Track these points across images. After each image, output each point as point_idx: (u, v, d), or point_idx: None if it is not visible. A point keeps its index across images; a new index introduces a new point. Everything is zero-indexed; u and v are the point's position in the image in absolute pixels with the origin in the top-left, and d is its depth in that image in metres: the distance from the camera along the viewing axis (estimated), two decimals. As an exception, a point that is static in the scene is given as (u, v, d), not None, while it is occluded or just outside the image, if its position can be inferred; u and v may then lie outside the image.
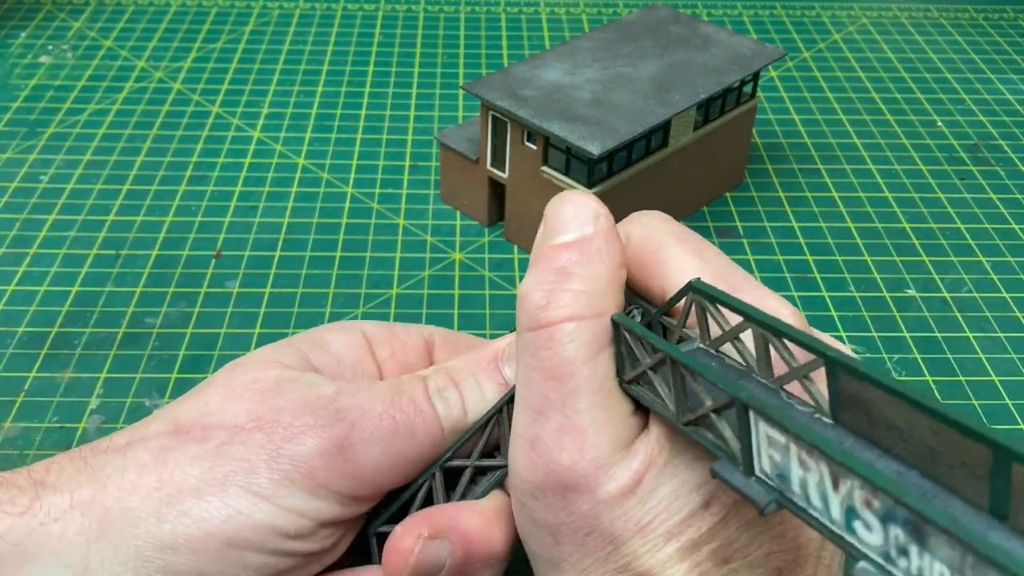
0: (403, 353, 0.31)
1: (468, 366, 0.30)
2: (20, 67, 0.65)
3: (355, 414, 0.27)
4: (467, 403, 0.29)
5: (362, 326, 0.32)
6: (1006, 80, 0.69)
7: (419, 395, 0.28)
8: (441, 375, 0.29)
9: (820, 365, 0.19)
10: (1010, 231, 0.54)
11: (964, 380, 0.44)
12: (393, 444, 0.27)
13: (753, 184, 0.56)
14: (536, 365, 0.25)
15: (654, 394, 0.23)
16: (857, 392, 0.18)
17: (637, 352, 0.24)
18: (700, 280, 0.23)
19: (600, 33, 0.52)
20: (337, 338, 0.31)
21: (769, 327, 0.20)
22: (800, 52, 0.71)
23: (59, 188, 0.54)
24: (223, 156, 0.57)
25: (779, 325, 0.20)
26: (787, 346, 0.20)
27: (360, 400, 0.27)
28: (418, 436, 0.28)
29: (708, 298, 0.22)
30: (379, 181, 0.55)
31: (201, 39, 0.70)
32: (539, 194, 0.47)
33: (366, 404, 0.27)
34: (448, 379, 0.29)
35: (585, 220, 0.25)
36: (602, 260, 0.25)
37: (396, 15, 0.74)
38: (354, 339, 0.31)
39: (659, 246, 0.27)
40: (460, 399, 0.29)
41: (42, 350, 0.44)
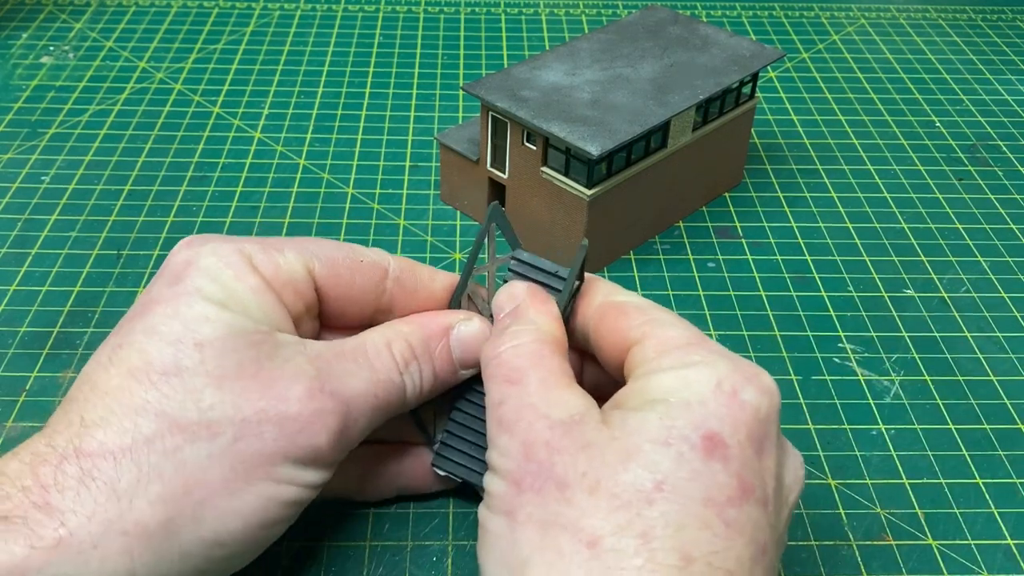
0: (357, 285, 0.34)
1: (425, 339, 0.33)
2: (21, 68, 0.66)
3: (347, 395, 0.30)
4: (424, 381, 0.33)
5: (312, 258, 0.33)
6: (1004, 81, 0.69)
7: (393, 373, 0.32)
8: (403, 345, 0.32)
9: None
10: (1008, 231, 0.54)
11: (963, 380, 0.44)
12: (375, 416, 0.31)
13: (752, 184, 0.56)
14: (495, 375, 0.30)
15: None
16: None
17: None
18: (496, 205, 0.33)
19: (600, 34, 0.52)
20: (284, 264, 0.32)
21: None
22: (799, 53, 0.71)
23: (61, 188, 0.54)
24: (224, 156, 0.57)
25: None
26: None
27: (343, 375, 0.30)
28: (392, 407, 0.32)
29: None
30: (379, 181, 0.56)
31: (202, 40, 0.70)
32: (539, 194, 0.47)
33: (351, 381, 0.30)
34: (411, 352, 0.32)
35: (514, 295, 0.32)
36: (530, 309, 0.32)
37: (396, 16, 0.74)
38: (297, 271, 0.32)
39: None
40: (420, 376, 0.33)
41: (44, 350, 0.44)
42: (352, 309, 0.34)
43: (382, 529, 0.36)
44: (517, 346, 0.30)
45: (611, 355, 0.31)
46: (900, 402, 0.43)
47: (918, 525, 0.38)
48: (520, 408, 0.28)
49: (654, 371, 0.28)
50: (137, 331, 0.29)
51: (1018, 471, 0.40)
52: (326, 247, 0.33)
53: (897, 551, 0.37)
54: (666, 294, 0.48)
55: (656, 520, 0.25)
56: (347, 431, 0.30)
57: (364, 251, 0.34)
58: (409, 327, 0.33)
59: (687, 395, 0.27)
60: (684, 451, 0.26)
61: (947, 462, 0.40)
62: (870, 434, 0.41)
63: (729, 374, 0.27)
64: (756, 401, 0.27)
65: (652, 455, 0.26)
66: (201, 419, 0.28)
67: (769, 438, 0.27)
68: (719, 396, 0.27)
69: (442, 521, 0.37)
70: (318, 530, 0.36)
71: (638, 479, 0.26)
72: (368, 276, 0.34)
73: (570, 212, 0.46)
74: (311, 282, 0.32)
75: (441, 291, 0.35)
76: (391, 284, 0.34)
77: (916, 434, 0.41)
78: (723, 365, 0.28)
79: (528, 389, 0.29)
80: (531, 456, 0.27)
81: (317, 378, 0.30)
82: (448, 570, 0.35)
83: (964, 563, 0.36)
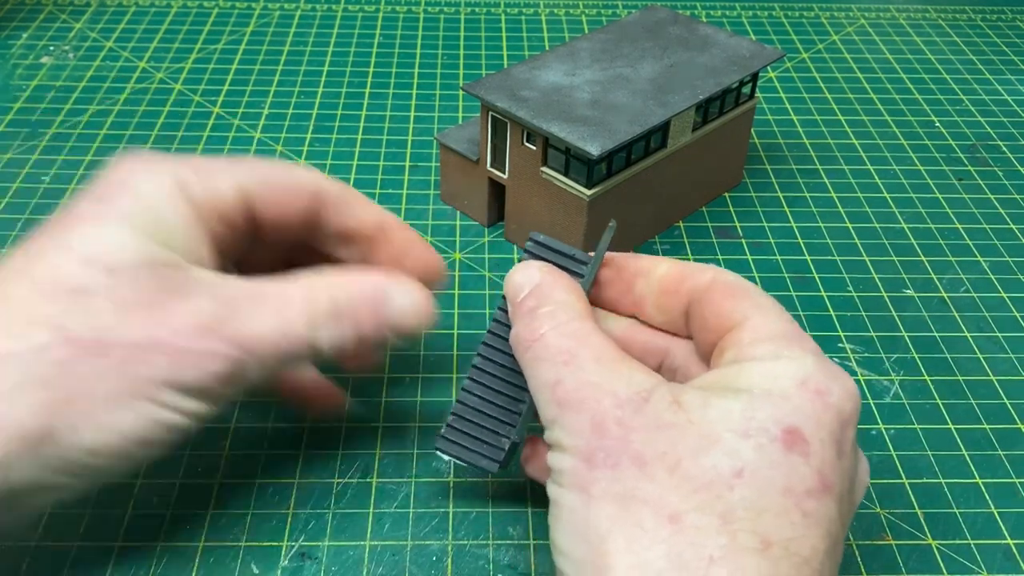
0: (287, 209, 0.34)
1: (353, 301, 0.32)
2: (21, 68, 0.66)
3: (243, 339, 0.30)
4: (344, 340, 0.32)
5: (246, 181, 0.33)
6: (1004, 81, 0.69)
7: (303, 328, 0.31)
8: (325, 302, 0.32)
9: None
10: (1008, 231, 0.54)
11: (962, 380, 0.44)
12: (272, 365, 0.31)
13: (752, 185, 0.56)
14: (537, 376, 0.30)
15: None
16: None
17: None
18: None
19: (599, 34, 0.52)
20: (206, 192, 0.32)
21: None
22: (799, 53, 0.71)
23: (61, 188, 0.54)
24: (224, 156, 0.57)
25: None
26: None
27: (248, 320, 0.30)
28: (297, 356, 0.32)
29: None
30: (379, 181, 0.56)
31: (202, 40, 0.70)
32: (539, 194, 0.47)
33: (255, 329, 0.30)
34: (332, 308, 0.32)
35: (531, 275, 0.32)
36: (555, 288, 0.31)
37: (396, 16, 0.74)
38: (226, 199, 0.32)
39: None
40: (340, 335, 0.32)
41: (44, 350, 0.44)
42: (280, 228, 0.34)
43: (382, 529, 0.36)
44: (558, 326, 0.30)
45: (708, 336, 0.31)
46: (900, 402, 0.43)
47: (918, 525, 0.38)
48: (580, 387, 0.28)
49: (744, 359, 0.29)
50: (53, 245, 0.30)
51: (1018, 471, 0.40)
52: (261, 167, 0.34)
53: (897, 551, 0.37)
54: (666, 294, 0.48)
55: (737, 503, 0.25)
56: (238, 373, 0.30)
57: (298, 169, 0.35)
58: (338, 282, 0.33)
59: (771, 388, 0.27)
60: (764, 443, 0.26)
61: (947, 462, 0.40)
62: (870, 434, 0.41)
63: (816, 373, 0.28)
64: (840, 403, 0.28)
65: (732, 443, 0.26)
66: (94, 337, 0.28)
67: (848, 440, 0.28)
68: (804, 393, 0.27)
69: (442, 521, 0.37)
70: (318, 530, 0.36)
71: (719, 464, 0.26)
72: (299, 195, 0.34)
73: (570, 212, 0.46)
74: (242, 208, 0.33)
75: (369, 221, 0.35)
76: (320, 204, 0.34)
77: (916, 434, 0.41)
78: (812, 363, 0.28)
79: (585, 367, 0.29)
80: (603, 432, 0.27)
81: (216, 318, 0.30)
82: (448, 570, 0.35)
83: (964, 563, 0.36)
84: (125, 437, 0.29)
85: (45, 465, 0.28)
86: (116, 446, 0.29)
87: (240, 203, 0.33)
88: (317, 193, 0.34)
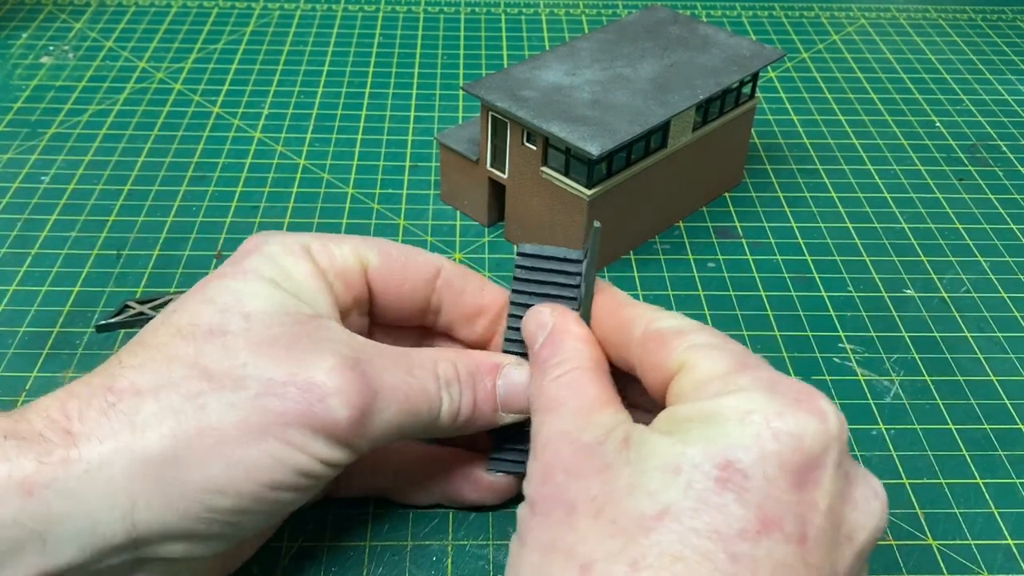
0: (409, 280, 0.34)
1: (472, 368, 0.33)
2: (21, 68, 0.66)
3: (377, 383, 0.30)
4: (462, 406, 0.32)
5: (367, 252, 0.34)
6: (1004, 81, 0.69)
7: (431, 383, 0.32)
8: (449, 366, 0.32)
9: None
10: (1008, 231, 0.54)
11: (962, 380, 0.44)
12: (401, 417, 0.31)
13: (752, 184, 0.56)
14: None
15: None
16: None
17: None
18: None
19: (599, 34, 0.52)
20: (339, 260, 0.33)
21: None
22: (799, 53, 0.71)
23: (60, 188, 0.54)
24: (224, 156, 0.57)
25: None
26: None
27: (379, 368, 0.30)
28: (421, 416, 0.31)
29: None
30: (379, 181, 0.56)
31: (202, 40, 0.70)
32: (539, 194, 0.47)
33: (385, 375, 0.30)
34: (454, 372, 0.32)
35: (543, 322, 0.32)
36: (565, 336, 0.31)
37: (396, 16, 0.74)
38: (352, 272, 0.33)
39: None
40: (460, 398, 0.32)
41: (43, 350, 0.44)
42: (402, 305, 0.35)
43: (382, 529, 0.36)
44: (558, 377, 0.30)
45: (656, 389, 0.30)
46: (900, 402, 0.43)
47: (918, 525, 0.38)
48: (552, 435, 0.28)
49: (687, 400, 0.27)
50: (192, 299, 0.31)
51: (1018, 471, 0.40)
52: (383, 243, 0.35)
53: (897, 551, 0.37)
54: (666, 294, 0.48)
55: (649, 549, 0.24)
56: (369, 416, 0.30)
57: (419, 251, 0.35)
58: (459, 355, 0.33)
59: (710, 423, 0.26)
60: (695, 479, 0.25)
61: (947, 462, 0.40)
62: (870, 434, 0.41)
63: (765, 401, 0.26)
64: (797, 429, 0.25)
65: (659, 482, 0.25)
66: (231, 373, 0.29)
67: (819, 468, 0.25)
68: (747, 425, 0.25)
69: (442, 521, 0.37)
70: (318, 530, 0.36)
71: (640, 505, 0.25)
72: (419, 272, 0.34)
73: (570, 212, 0.46)
74: (363, 275, 0.34)
75: (490, 302, 0.35)
76: (441, 284, 0.35)
77: (916, 434, 0.41)
78: (761, 392, 0.26)
79: (564, 415, 0.29)
80: (548, 480, 0.27)
81: (351, 358, 0.30)
82: (448, 570, 0.35)
83: (964, 563, 0.36)
84: (251, 476, 0.28)
85: (171, 504, 0.27)
86: (241, 485, 0.28)
87: (360, 270, 0.33)
88: (438, 270, 0.35)
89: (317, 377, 0.29)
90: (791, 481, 0.25)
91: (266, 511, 0.29)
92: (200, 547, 0.29)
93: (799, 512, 0.25)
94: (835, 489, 0.26)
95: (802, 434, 0.25)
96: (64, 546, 0.27)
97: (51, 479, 0.26)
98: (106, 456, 0.27)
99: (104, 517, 0.27)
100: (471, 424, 0.33)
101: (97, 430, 0.27)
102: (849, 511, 0.26)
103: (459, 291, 0.35)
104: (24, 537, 0.26)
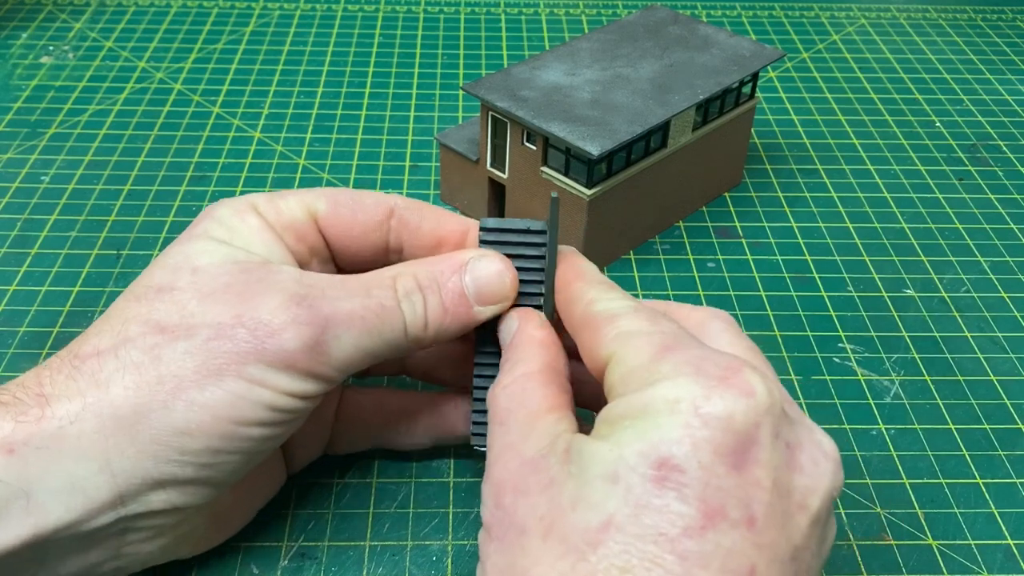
0: (359, 222, 0.34)
1: (434, 273, 0.33)
2: (21, 68, 0.66)
3: (328, 311, 0.30)
4: (428, 313, 0.32)
5: (314, 201, 0.34)
6: (1004, 81, 0.69)
7: (388, 299, 0.31)
8: (408, 278, 0.32)
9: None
10: (1008, 231, 0.54)
11: (963, 380, 0.44)
12: (361, 340, 0.31)
13: (752, 184, 0.56)
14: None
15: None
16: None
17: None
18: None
19: (599, 34, 0.52)
20: (286, 210, 0.34)
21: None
22: (799, 53, 0.71)
23: (60, 188, 0.54)
24: (224, 156, 0.57)
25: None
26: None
27: (332, 298, 0.31)
28: (384, 334, 0.31)
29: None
30: (379, 181, 0.56)
31: (202, 40, 0.70)
32: (539, 194, 0.47)
33: (338, 302, 0.31)
34: (415, 283, 0.32)
35: (510, 325, 0.32)
36: (522, 340, 0.32)
37: (396, 16, 0.74)
38: (300, 219, 0.34)
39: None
40: (424, 306, 0.32)
41: (44, 350, 0.44)
42: (359, 248, 0.35)
43: (382, 529, 0.36)
44: (506, 387, 0.30)
45: (597, 378, 0.30)
46: (900, 402, 0.43)
47: (918, 525, 0.38)
48: (500, 450, 0.28)
49: (618, 395, 0.27)
50: (149, 267, 0.32)
51: (1018, 471, 0.40)
52: (331, 191, 0.35)
53: (897, 551, 0.37)
54: (666, 294, 0.48)
55: (599, 564, 0.24)
56: (324, 344, 0.30)
57: (370, 192, 0.35)
58: (420, 263, 0.33)
59: (642, 419, 0.25)
60: (634, 483, 0.24)
61: (947, 462, 0.40)
62: (870, 434, 0.41)
63: (691, 386, 0.25)
64: (726, 410, 0.25)
65: (600, 492, 0.24)
66: (182, 323, 0.30)
67: (755, 445, 0.25)
68: (675, 416, 0.25)
69: (442, 521, 0.37)
70: (318, 530, 0.36)
71: (584, 520, 0.24)
72: (370, 214, 0.34)
73: (570, 212, 0.46)
74: (313, 225, 0.34)
75: (448, 232, 0.35)
76: (395, 223, 0.34)
77: (916, 434, 0.41)
78: (686, 376, 0.25)
79: (510, 427, 0.28)
80: (499, 502, 0.27)
81: (298, 294, 0.30)
82: (448, 570, 0.35)
83: (964, 563, 0.36)
84: (216, 414, 0.29)
85: (143, 450, 0.28)
86: (208, 424, 0.29)
87: (309, 220, 0.34)
88: (390, 209, 0.34)
89: (263, 316, 0.29)
90: (729, 465, 0.24)
91: (242, 448, 0.30)
92: (185, 494, 0.30)
93: (742, 495, 0.24)
94: (777, 461, 0.25)
95: (731, 414, 0.25)
96: (49, 503, 0.28)
97: (28, 436, 0.28)
98: (75, 412, 0.28)
99: (83, 471, 0.28)
100: (449, 328, 0.33)
101: (66, 391, 0.29)
102: (798, 479, 0.26)
103: (416, 227, 0.35)
104: (9, 496, 0.27)
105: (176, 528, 0.31)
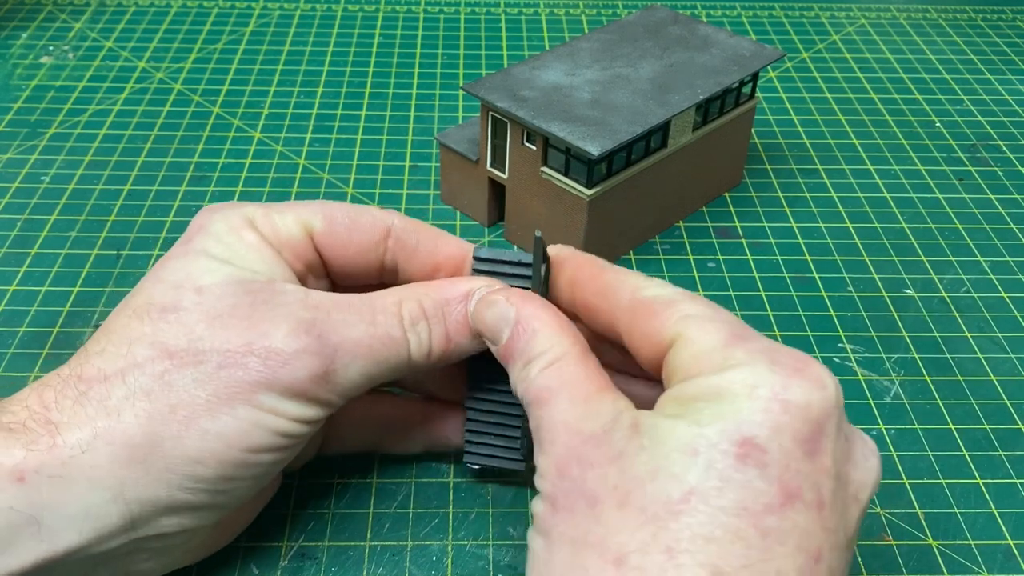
0: (355, 242, 0.34)
1: (439, 303, 0.33)
2: (21, 68, 0.66)
3: (336, 340, 0.30)
4: (433, 342, 0.32)
5: (311, 218, 0.34)
6: (1004, 81, 0.69)
7: (395, 329, 0.32)
8: (414, 305, 0.32)
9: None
10: (1008, 231, 0.54)
11: (963, 380, 0.44)
12: (367, 368, 0.31)
13: (752, 184, 0.56)
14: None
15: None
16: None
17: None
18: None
19: (599, 34, 0.52)
20: (282, 227, 0.33)
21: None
22: (799, 53, 0.71)
23: (60, 188, 0.54)
24: (224, 156, 0.57)
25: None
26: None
27: (339, 324, 0.31)
28: (390, 362, 0.32)
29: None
30: (379, 181, 0.56)
31: (202, 40, 0.70)
32: (539, 195, 0.47)
33: (345, 330, 0.31)
34: (420, 311, 0.32)
35: (505, 313, 0.31)
36: (538, 325, 0.30)
37: (396, 16, 0.74)
38: (297, 234, 0.33)
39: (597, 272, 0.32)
40: (429, 336, 0.32)
41: (44, 350, 0.44)
42: (355, 267, 0.34)
43: (382, 529, 0.36)
44: (544, 369, 0.29)
45: (648, 360, 0.30)
46: (900, 402, 0.43)
47: (918, 525, 0.38)
48: (553, 427, 0.28)
49: (691, 376, 0.27)
50: (147, 281, 0.32)
51: (1018, 471, 0.40)
52: (328, 206, 0.34)
53: (897, 551, 0.37)
54: (666, 294, 0.48)
55: (681, 533, 0.24)
56: (332, 374, 0.30)
57: (368, 209, 0.35)
58: (425, 289, 0.33)
59: (720, 401, 0.26)
60: (715, 459, 0.25)
61: (947, 462, 0.40)
62: (870, 434, 0.41)
63: (767, 374, 0.26)
64: (803, 399, 0.26)
65: (679, 465, 0.25)
66: (190, 348, 0.29)
67: (824, 435, 0.26)
68: (756, 399, 0.26)
69: (442, 521, 0.37)
70: (318, 530, 0.36)
71: (665, 490, 0.25)
72: (365, 234, 0.34)
73: (570, 212, 0.46)
74: (309, 242, 0.33)
75: (444, 258, 0.34)
76: (392, 243, 0.34)
77: (916, 434, 0.41)
78: (763, 364, 0.26)
79: (560, 407, 0.28)
80: (564, 473, 0.27)
81: (306, 321, 0.30)
82: (448, 570, 0.35)
83: (964, 563, 0.36)
84: (229, 443, 0.29)
85: (157, 479, 0.28)
86: (221, 453, 0.29)
87: (306, 238, 0.33)
88: (387, 229, 0.34)
89: (274, 344, 0.30)
90: (804, 450, 0.25)
91: (252, 474, 0.30)
92: (196, 518, 0.30)
93: (814, 480, 0.25)
94: (840, 453, 0.26)
95: (808, 403, 0.26)
96: (61, 531, 0.28)
97: (40, 465, 0.27)
98: (87, 441, 0.28)
99: (96, 499, 0.28)
100: (450, 355, 0.33)
101: (74, 418, 0.28)
102: (853, 472, 0.27)
103: (412, 249, 0.34)
104: (20, 523, 0.27)
105: (182, 546, 0.31)
